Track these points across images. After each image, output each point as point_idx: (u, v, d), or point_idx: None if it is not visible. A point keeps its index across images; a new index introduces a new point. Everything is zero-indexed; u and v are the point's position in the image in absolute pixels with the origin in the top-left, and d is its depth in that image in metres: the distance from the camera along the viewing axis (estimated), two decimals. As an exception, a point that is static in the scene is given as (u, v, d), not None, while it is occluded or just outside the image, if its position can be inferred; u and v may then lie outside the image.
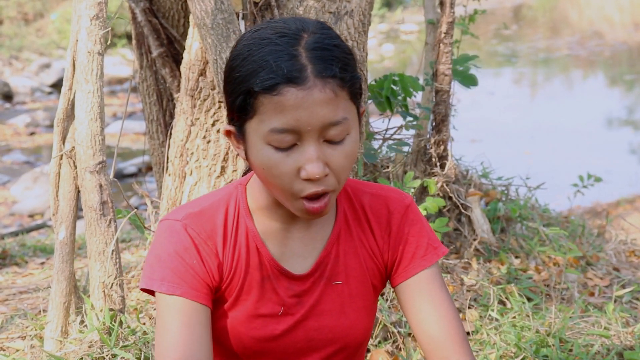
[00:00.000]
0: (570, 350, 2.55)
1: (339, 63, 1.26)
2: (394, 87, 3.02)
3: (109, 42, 2.36)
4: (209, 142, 2.72)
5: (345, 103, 1.28)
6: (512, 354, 2.52)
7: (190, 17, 2.70)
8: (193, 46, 2.70)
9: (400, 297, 1.46)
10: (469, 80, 3.37)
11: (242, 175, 1.50)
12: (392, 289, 2.34)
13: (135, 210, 2.61)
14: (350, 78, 1.28)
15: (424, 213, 2.90)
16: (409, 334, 2.59)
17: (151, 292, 1.39)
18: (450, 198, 3.31)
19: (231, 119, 1.34)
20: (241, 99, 1.28)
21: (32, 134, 10.64)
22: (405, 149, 3.35)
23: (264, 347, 1.43)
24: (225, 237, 1.40)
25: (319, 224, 1.43)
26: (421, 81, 3.42)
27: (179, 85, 3.10)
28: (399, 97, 3.04)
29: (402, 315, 2.62)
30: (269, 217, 1.41)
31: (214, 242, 1.39)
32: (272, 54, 1.25)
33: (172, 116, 3.23)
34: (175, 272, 1.36)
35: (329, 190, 1.29)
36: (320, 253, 1.43)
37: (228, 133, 1.36)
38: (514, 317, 2.74)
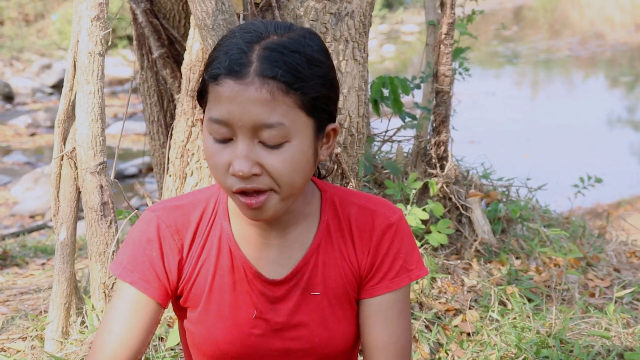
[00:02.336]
0: (571, 351, 2.55)
1: (286, 67, 1.24)
2: (384, 90, 3.02)
3: (109, 43, 2.36)
4: (209, 143, 2.72)
5: (287, 110, 1.25)
6: (513, 355, 2.52)
7: (191, 18, 2.71)
8: (194, 47, 2.71)
9: (359, 311, 1.45)
10: None
11: None
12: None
13: (136, 211, 2.61)
14: (301, 87, 1.25)
15: (426, 216, 2.91)
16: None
17: None
18: (450, 199, 3.31)
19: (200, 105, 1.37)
20: (200, 84, 1.32)
21: (32, 134, 10.64)
22: (407, 146, 3.35)
23: (240, 353, 1.42)
24: (195, 235, 1.40)
25: (297, 232, 1.41)
26: (418, 81, 3.43)
27: (179, 86, 3.10)
28: (388, 101, 3.04)
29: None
30: (246, 222, 1.40)
31: (181, 238, 1.39)
32: (228, 46, 1.28)
33: (172, 117, 3.23)
34: (132, 260, 1.39)
35: (262, 189, 1.27)
36: (297, 262, 1.41)
37: (201, 120, 1.37)
38: (515, 318, 2.74)
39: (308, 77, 1.26)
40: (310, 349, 1.43)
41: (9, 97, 13.16)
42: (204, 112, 1.33)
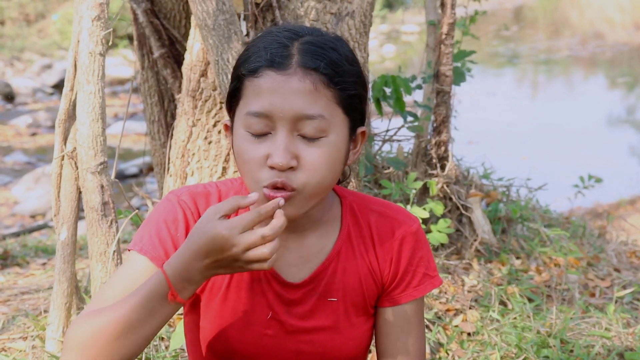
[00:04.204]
0: (571, 351, 2.55)
1: (327, 60, 1.26)
2: (385, 89, 3.02)
3: (110, 43, 2.36)
4: (210, 142, 2.72)
5: (328, 103, 1.26)
6: (513, 355, 2.52)
7: (192, 18, 2.71)
8: (194, 47, 2.71)
9: (380, 319, 1.45)
10: (457, 77, 3.36)
11: None
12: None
13: (137, 211, 2.61)
14: (340, 82, 1.27)
15: (428, 215, 2.91)
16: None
17: None
18: (450, 199, 3.31)
19: (228, 110, 1.35)
20: (233, 84, 1.31)
21: (33, 134, 10.64)
22: (408, 146, 3.35)
23: (252, 352, 1.42)
24: None
25: (316, 238, 1.41)
26: (420, 81, 3.43)
27: (180, 86, 3.11)
28: (390, 100, 3.04)
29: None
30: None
31: None
32: (267, 42, 1.28)
33: (173, 117, 3.23)
34: (154, 237, 1.35)
35: (291, 186, 1.27)
36: (317, 267, 1.41)
37: (226, 127, 1.37)
38: (515, 318, 2.74)
39: (346, 73, 1.28)
40: (322, 353, 1.43)
41: (10, 97, 13.16)
42: (232, 116, 1.32)
